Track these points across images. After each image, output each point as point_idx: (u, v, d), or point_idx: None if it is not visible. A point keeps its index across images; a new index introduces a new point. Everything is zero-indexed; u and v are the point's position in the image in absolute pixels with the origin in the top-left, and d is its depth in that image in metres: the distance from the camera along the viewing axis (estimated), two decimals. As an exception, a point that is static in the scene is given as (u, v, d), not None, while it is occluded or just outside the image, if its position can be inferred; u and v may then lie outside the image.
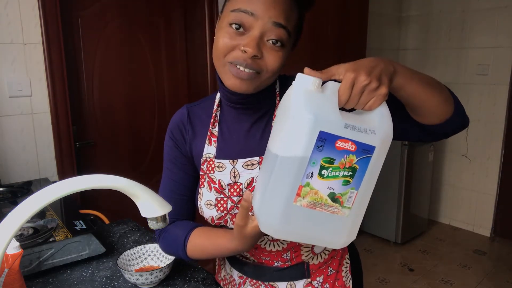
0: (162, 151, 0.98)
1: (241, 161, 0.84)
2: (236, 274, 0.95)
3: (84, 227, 1.15)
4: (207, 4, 2.37)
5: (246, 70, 0.74)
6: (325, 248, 0.90)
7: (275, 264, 0.89)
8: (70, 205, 1.38)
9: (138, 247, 1.10)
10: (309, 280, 0.90)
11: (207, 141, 0.88)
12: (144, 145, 2.44)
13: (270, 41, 0.73)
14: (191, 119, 0.91)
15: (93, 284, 1.02)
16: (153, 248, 1.11)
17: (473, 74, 3.41)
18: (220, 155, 0.86)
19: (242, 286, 0.94)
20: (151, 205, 0.76)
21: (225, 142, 0.87)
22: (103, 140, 2.26)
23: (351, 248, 0.98)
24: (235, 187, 0.84)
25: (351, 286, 0.94)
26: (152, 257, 1.10)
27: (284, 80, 0.89)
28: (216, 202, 0.85)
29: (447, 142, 3.65)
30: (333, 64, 0.68)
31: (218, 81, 0.82)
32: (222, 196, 0.85)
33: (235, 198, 0.84)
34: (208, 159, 0.87)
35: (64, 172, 1.94)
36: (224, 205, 0.85)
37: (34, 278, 1.05)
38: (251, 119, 0.86)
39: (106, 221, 1.47)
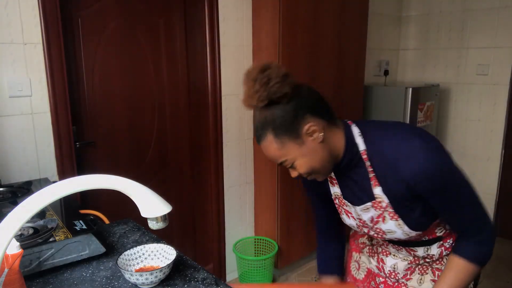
0: (161, 151, 1.00)
1: (358, 208, 1.06)
2: (381, 241, 1.20)
3: (84, 227, 1.15)
4: (207, 4, 2.37)
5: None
6: None
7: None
8: (70, 205, 1.38)
9: (138, 247, 1.10)
10: (441, 242, 1.11)
11: (329, 182, 1.11)
12: (144, 145, 2.44)
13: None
14: None
15: (93, 284, 1.02)
16: (153, 248, 1.11)
17: (473, 74, 3.41)
18: (344, 196, 1.10)
19: (384, 247, 1.20)
20: (151, 205, 0.76)
21: (344, 187, 1.09)
22: (103, 140, 2.26)
23: None
24: (362, 220, 1.09)
25: None
26: (152, 257, 1.10)
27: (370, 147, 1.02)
28: (357, 226, 1.12)
29: (447, 142, 3.65)
30: (332, 63, 0.70)
31: None
32: (359, 222, 1.10)
33: (368, 224, 1.08)
34: (338, 196, 1.11)
35: (64, 172, 1.94)
36: (363, 226, 1.10)
37: (34, 278, 1.04)
38: (353, 178, 1.05)
39: (106, 221, 1.47)
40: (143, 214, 0.77)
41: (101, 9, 2.15)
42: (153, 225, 0.79)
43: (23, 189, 1.52)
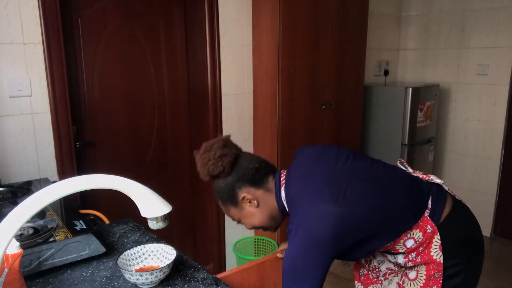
0: (161, 151, 1.01)
1: None
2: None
3: (84, 227, 1.15)
4: (207, 4, 2.37)
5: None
6: (415, 241, 1.12)
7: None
8: (70, 205, 1.38)
9: (138, 247, 1.10)
10: (406, 254, 1.16)
11: None
12: (144, 145, 2.44)
13: None
14: None
15: (93, 284, 1.02)
16: (153, 248, 1.11)
17: (473, 74, 3.41)
18: None
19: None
20: (151, 205, 0.77)
21: None
22: (103, 140, 2.26)
23: (442, 229, 1.11)
24: None
25: (441, 260, 1.10)
26: (152, 257, 1.10)
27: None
28: None
29: (447, 142, 3.65)
30: (332, 64, 0.70)
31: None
32: None
33: None
34: None
35: (64, 172, 1.94)
36: None
37: (34, 278, 1.05)
38: None
39: (106, 221, 1.47)
40: (143, 214, 0.77)
41: (101, 9, 2.15)
42: (153, 225, 0.79)
43: (23, 189, 1.52)
